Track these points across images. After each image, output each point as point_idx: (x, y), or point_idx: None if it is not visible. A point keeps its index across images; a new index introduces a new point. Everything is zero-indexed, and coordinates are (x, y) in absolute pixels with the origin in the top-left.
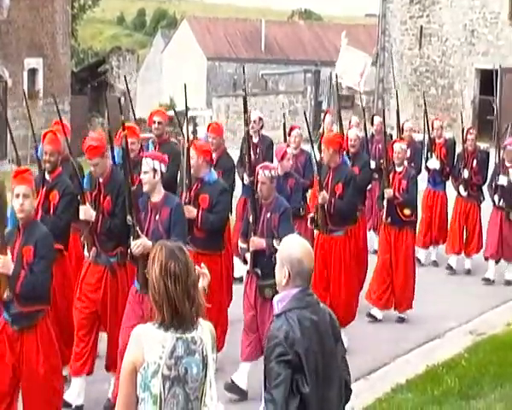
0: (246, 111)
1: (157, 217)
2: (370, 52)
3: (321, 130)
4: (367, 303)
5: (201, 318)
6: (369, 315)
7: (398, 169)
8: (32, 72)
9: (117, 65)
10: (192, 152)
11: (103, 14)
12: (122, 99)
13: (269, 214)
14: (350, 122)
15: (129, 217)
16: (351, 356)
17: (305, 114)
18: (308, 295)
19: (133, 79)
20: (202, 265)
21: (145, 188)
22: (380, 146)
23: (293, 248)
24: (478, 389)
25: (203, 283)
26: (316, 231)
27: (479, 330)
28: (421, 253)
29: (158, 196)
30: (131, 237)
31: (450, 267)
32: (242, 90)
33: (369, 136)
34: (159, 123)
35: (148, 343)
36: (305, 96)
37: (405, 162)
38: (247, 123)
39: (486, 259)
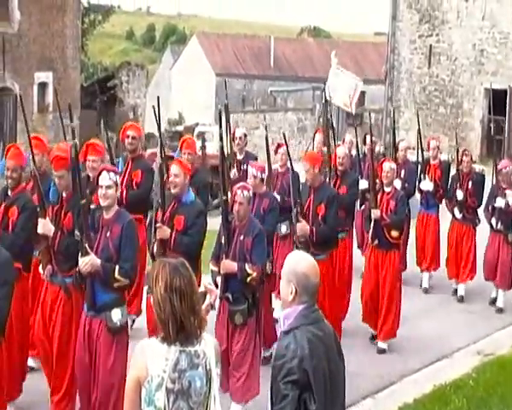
0: (221, 126)
1: (108, 234)
2: (379, 71)
3: (310, 148)
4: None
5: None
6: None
7: (387, 189)
8: (42, 85)
9: (126, 80)
10: (178, 170)
11: (113, 29)
12: (131, 114)
13: (242, 237)
14: (343, 140)
15: (77, 232)
16: (358, 375)
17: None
18: (314, 311)
19: (142, 95)
20: (209, 281)
21: (106, 202)
22: None
23: (299, 263)
24: (486, 409)
25: (210, 299)
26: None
27: (486, 351)
28: (425, 279)
29: (111, 212)
30: (79, 254)
31: (461, 297)
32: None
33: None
34: (133, 138)
35: (152, 357)
36: (314, 114)
37: (399, 183)
38: (221, 138)
39: (488, 280)
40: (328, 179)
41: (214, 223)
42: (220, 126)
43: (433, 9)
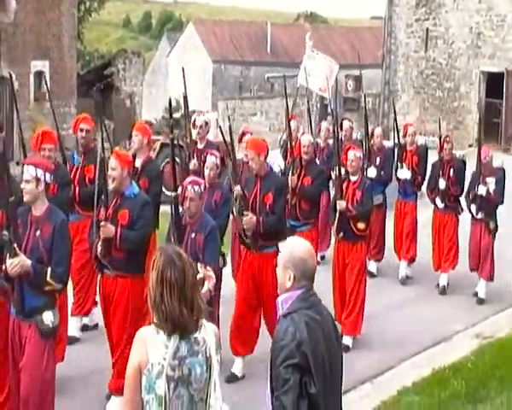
0: (171, 115)
1: (37, 233)
2: (377, 55)
3: (284, 136)
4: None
5: (203, 319)
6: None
7: (353, 178)
8: (39, 74)
9: (123, 68)
10: (114, 162)
11: (109, 16)
12: (128, 102)
13: (193, 234)
14: (319, 128)
15: (5, 232)
16: (357, 359)
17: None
18: (312, 295)
19: (139, 82)
20: (208, 268)
21: (26, 198)
22: None
23: (295, 248)
24: (484, 392)
25: (209, 285)
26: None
27: (485, 334)
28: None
29: (40, 208)
30: (8, 255)
31: (443, 289)
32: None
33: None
34: (86, 131)
35: (152, 344)
36: (311, 100)
37: (374, 171)
38: (172, 130)
39: (473, 270)
40: (291, 169)
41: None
42: (171, 116)
43: None
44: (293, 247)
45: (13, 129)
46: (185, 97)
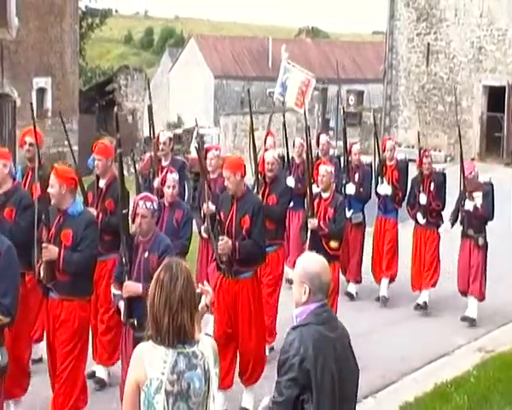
0: (118, 129)
1: None
2: (378, 70)
3: (261, 153)
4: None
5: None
6: None
7: (325, 195)
8: (41, 91)
9: (125, 84)
10: (53, 179)
11: (111, 32)
12: (130, 118)
13: (146, 254)
14: (293, 143)
15: None
16: (359, 374)
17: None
18: (326, 311)
19: (141, 98)
20: (205, 282)
21: None
22: None
23: (309, 263)
24: (487, 406)
25: (206, 300)
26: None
27: (487, 348)
28: (383, 288)
29: None
30: None
31: (420, 306)
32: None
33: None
34: (30, 144)
35: (150, 360)
36: (313, 114)
37: (353, 187)
38: (119, 144)
39: (463, 294)
40: (256, 187)
41: None
42: (117, 130)
43: (431, 7)
44: (307, 262)
45: (15, 146)
46: (150, 107)
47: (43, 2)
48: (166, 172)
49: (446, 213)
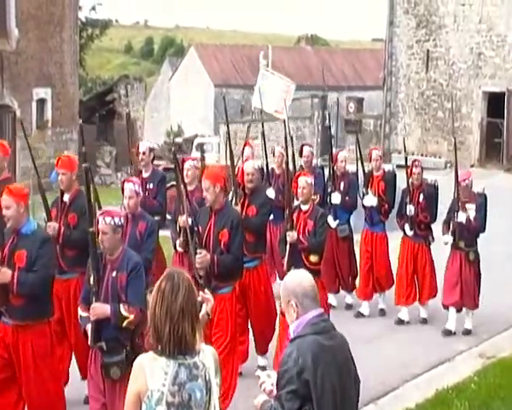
0: (83, 143)
1: None
2: (378, 77)
3: (239, 163)
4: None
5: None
6: None
7: (304, 207)
8: (41, 102)
9: (125, 93)
10: (8, 200)
11: (111, 42)
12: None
13: (114, 273)
14: (273, 152)
15: None
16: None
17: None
18: (324, 320)
19: (141, 107)
20: (206, 290)
21: None
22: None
23: (289, 279)
24: None
25: (206, 308)
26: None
27: (488, 354)
28: (364, 306)
29: None
30: None
31: (401, 321)
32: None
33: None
34: None
35: (151, 371)
36: (313, 122)
37: (339, 196)
38: (85, 159)
39: (446, 307)
40: (234, 198)
41: None
42: (83, 143)
43: (430, 14)
44: (286, 279)
45: (15, 157)
46: (128, 114)
47: (43, 12)
48: (146, 184)
49: (437, 225)
